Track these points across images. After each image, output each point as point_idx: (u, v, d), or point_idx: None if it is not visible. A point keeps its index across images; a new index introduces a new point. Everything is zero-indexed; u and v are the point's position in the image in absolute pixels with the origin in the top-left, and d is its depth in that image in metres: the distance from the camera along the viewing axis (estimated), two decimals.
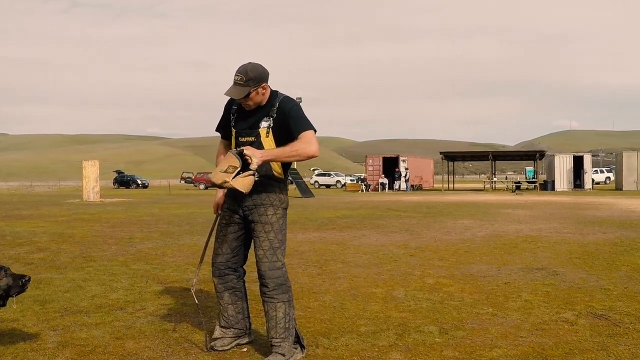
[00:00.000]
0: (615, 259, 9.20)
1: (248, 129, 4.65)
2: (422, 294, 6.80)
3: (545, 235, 12.73)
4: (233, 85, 4.51)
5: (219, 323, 4.90)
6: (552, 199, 31.52)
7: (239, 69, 4.51)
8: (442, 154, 56.88)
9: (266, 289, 4.60)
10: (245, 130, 4.66)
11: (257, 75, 4.50)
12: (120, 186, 73.38)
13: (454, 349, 4.74)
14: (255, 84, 4.50)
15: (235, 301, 4.88)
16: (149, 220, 17.82)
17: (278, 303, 4.59)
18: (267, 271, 4.57)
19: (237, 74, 4.48)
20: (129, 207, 26.18)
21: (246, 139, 4.61)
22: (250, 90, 4.49)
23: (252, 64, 4.55)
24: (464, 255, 9.77)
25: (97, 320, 5.62)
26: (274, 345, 4.58)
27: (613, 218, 17.51)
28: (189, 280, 7.59)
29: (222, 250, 4.80)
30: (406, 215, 19.37)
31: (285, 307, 4.60)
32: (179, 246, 11.23)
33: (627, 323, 5.46)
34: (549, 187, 50.41)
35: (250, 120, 4.66)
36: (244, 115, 4.69)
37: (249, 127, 4.65)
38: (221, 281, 4.84)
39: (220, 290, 4.86)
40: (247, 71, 4.48)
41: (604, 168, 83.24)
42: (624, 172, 48.45)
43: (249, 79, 4.47)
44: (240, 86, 4.48)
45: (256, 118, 4.63)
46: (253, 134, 4.62)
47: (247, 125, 4.66)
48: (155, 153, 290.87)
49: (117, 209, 24.61)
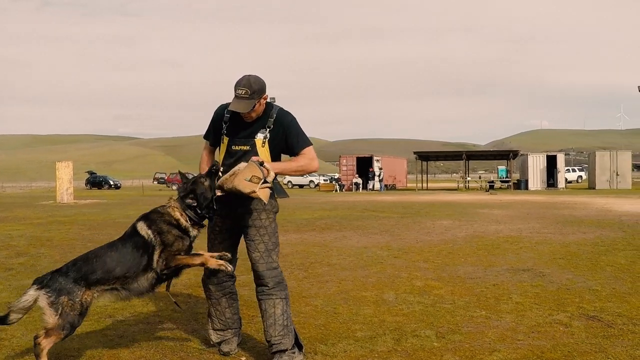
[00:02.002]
0: (599, 259, 9.26)
1: (243, 138, 4.68)
2: (412, 297, 6.78)
3: (526, 236, 12.79)
4: (237, 99, 4.52)
5: (214, 327, 4.89)
6: (527, 198, 31.73)
7: (242, 82, 4.52)
8: (416, 154, 57.08)
9: (266, 287, 4.64)
10: (240, 139, 4.69)
11: (260, 88, 4.54)
12: (92, 187, 72.63)
13: (454, 353, 4.72)
14: (259, 96, 4.54)
15: (232, 304, 4.92)
16: (126, 223, 17.41)
17: (277, 299, 4.63)
18: (265, 271, 4.64)
19: (241, 88, 4.50)
20: (104, 208, 25.87)
21: (240, 148, 4.69)
22: (255, 102, 4.52)
23: (253, 77, 4.58)
24: (448, 257, 9.77)
25: (88, 328, 5.51)
26: (274, 344, 4.59)
27: (590, 217, 17.65)
28: (176, 285, 7.51)
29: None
30: (384, 216, 19.36)
31: (283, 304, 4.65)
32: None
33: (621, 324, 5.48)
34: (522, 186, 50.78)
35: (245, 130, 4.69)
36: (239, 124, 4.71)
37: (244, 136, 4.68)
38: (219, 288, 4.86)
39: (217, 297, 4.86)
40: (250, 84, 4.51)
41: (576, 167, 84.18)
42: (596, 171, 48.95)
43: (253, 91, 4.50)
44: (246, 100, 4.50)
45: (252, 128, 4.69)
46: (248, 143, 4.69)
47: (242, 134, 4.69)
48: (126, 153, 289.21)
49: (92, 210, 24.31)
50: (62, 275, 4.18)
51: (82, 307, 4.16)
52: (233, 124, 4.72)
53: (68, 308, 4.09)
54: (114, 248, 4.39)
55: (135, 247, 4.35)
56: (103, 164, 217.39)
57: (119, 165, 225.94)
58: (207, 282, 4.88)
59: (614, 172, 48.08)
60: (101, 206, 28.07)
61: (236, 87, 4.52)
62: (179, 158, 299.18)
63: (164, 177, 74.78)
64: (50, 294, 4.10)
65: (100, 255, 4.35)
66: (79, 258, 4.37)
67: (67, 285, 4.13)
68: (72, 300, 4.11)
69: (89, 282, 4.19)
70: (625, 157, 49.23)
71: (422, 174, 60.07)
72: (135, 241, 4.37)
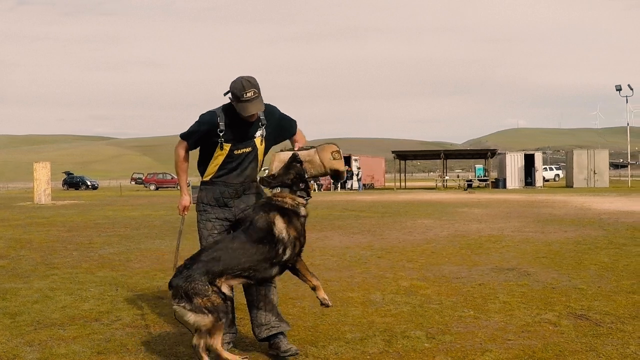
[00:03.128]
0: (582, 257, 9.31)
1: (243, 141, 4.81)
2: (399, 297, 6.77)
3: (507, 235, 12.84)
4: (250, 102, 4.62)
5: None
6: (505, 197, 31.92)
7: (245, 85, 4.61)
8: (394, 153, 57.22)
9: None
10: (240, 143, 4.81)
11: (259, 87, 4.70)
12: (69, 187, 72.13)
13: (446, 354, 4.70)
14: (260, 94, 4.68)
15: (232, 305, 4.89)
16: (105, 224, 17.49)
17: (274, 288, 4.95)
18: None
19: (248, 90, 4.60)
20: (83, 209, 25.67)
21: (242, 151, 4.84)
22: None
23: (247, 76, 4.72)
24: (431, 256, 9.77)
25: (74, 333, 5.42)
26: (273, 327, 4.83)
27: (570, 216, 17.78)
28: (160, 288, 7.46)
29: None
30: (364, 216, 19.38)
31: (277, 292, 5.00)
32: (141, 251, 11.01)
33: (609, 323, 5.50)
34: (500, 185, 51.13)
35: (243, 132, 4.81)
36: (238, 128, 4.80)
37: (245, 138, 4.82)
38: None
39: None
40: (253, 84, 4.65)
41: (553, 166, 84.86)
42: (574, 169, 49.40)
43: (258, 89, 4.65)
44: (258, 99, 4.65)
45: (251, 128, 4.83)
46: (250, 145, 4.86)
47: (241, 137, 4.81)
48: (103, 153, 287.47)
49: (71, 211, 24.10)
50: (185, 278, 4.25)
51: (220, 293, 4.23)
52: (232, 130, 4.79)
53: (209, 303, 4.14)
54: (240, 240, 4.46)
55: (264, 240, 4.43)
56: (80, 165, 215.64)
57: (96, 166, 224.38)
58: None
59: (591, 170, 48.57)
60: (79, 207, 27.85)
61: (242, 92, 4.58)
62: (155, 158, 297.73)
63: (141, 177, 74.33)
64: (181, 303, 4.17)
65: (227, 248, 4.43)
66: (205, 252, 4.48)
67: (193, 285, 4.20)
68: (206, 297, 4.16)
69: (214, 274, 4.27)
70: (603, 156, 49.75)
71: (400, 173, 60.26)
72: (265, 234, 4.44)
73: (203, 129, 4.84)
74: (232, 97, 4.71)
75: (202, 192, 4.96)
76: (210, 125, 4.80)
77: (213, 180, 4.92)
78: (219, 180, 4.90)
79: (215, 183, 4.91)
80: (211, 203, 4.92)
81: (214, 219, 4.93)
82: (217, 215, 4.91)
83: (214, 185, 4.91)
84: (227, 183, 4.91)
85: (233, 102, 4.70)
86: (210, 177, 4.92)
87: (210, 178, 4.92)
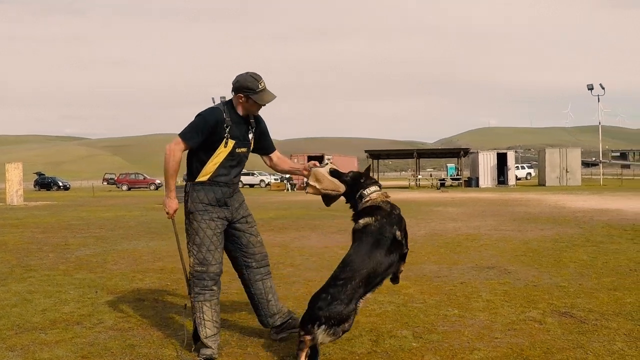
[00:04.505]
0: (561, 255, 9.37)
1: (243, 140, 4.93)
2: (382, 296, 6.75)
3: (485, 233, 12.90)
4: (265, 91, 4.87)
5: (206, 334, 4.77)
6: (479, 196, 32.11)
7: (257, 77, 4.87)
8: (367, 153, 57.33)
9: (268, 267, 5.21)
10: (241, 142, 4.91)
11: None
12: (41, 188, 71.26)
13: (435, 353, 4.69)
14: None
15: (217, 303, 4.96)
16: (79, 225, 17.29)
17: (271, 278, 5.27)
18: (266, 253, 5.23)
19: (261, 81, 4.85)
20: (56, 210, 25.38)
21: (241, 150, 4.94)
22: None
23: (252, 72, 4.92)
24: (411, 256, 9.63)
25: (57, 337, 5.31)
26: (284, 313, 5.21)
27: (545, 214, 17.93)
28: (140, 290, 7.37)
29: (217, 259, 4.87)
30: (340, 215, 19.26)
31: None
32: (118, 252, 10.89)
33: (593, 320, 5.53)
34: (473, 183, 51.40)
35: (242, 131, 4.92)
36: (239, 126, 4.89)
37: (244, 137, 4.94)
38: (217, 289, 4.92)
39: (213, 298, 4.87)
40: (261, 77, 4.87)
41: (525, 164, 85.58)
42: (546, 168, 49.83)
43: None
44: (268, 89, 4.92)
45: (245, 130, 4.96)
46: (246, 145, 4.99)
47: (241, 136, 4.91)
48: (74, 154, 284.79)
49: (44, 212, 23.80)
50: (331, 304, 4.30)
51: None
52: (236, 127, 4.86)
53: (347, 326, 4.36)
54: (374, 255, 4.54)
55: (392, 247, 4.63)
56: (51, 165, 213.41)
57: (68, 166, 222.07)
58: (211, 284, 4.83)
59: (563, 169, 49.04)
60: (52, 208, 27.54)
61: (257, 83, 4.81)
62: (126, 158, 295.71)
63: (113, 177, 73.75)
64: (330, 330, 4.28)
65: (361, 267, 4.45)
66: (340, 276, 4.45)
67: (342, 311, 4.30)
68: (350, 321, 4.36)
69: (359, 297, 4.44)
70: (575, 155, 50.25)
71: (373, 172, 60.41)
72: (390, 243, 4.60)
73: (211, 123, 4.77)
74: (244, 92, 4.79)
75: (199, 192, 4.87)
76: (218, 120, 4.79)
77: (213, 180, 4.87)
78: (219, 180, 4.88)
79: (216, 183, 4.88)
80: (212, 203, 4.88)
81: (216, 218, 4.90)
82: (219, 214, 4.90)
83: (213, 185, 4.87)
84: (228, 183, 4.92)
85: (247, 95, 4.80)
86: (209, 176, 4.86)
87: (209, 178, 4.87)
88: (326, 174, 4.95)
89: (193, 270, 4.84)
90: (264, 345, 5.02)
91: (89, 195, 46.30)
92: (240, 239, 5.08)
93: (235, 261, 5.18)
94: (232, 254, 5.16)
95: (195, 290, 4.82)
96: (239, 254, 5.12)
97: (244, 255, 5.11)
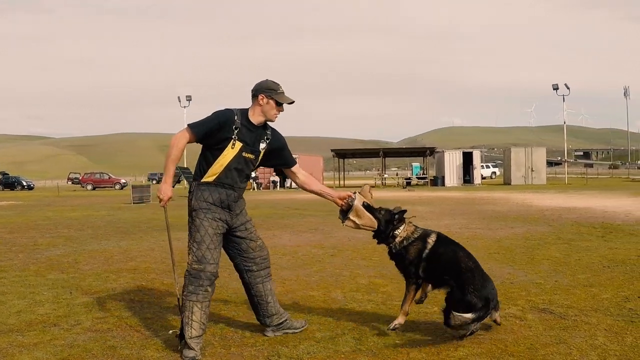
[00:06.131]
0: (534, 253, 9.46)
1: (251, 146, 5.00)
2: (361, 295, 6.76)
3: (455, 232, 12.97)
4: (284, 94, 5.07)
5: (191, 334, 4.73)
6: (446, 195, 32.35)
7: (276, 82, 5.10)
8: (333, 152, 57.42)
9: (268, 269, 5.34)
10: (249, 147, 4.99)
11: None
12: (4, 188, 70.02)
13: (420, 351, 4.69)
14: None
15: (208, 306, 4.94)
16: (47, 225, 17.04)
17: (272, 281, 5.39)
18: (266, 255, 5.38)
19: (281, 85, 5.09)
20: (22, 210, 25.01)
21: (247, 155, 4.99)
22: None
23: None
24: (384, 254, 9.54)
25: (35, 339, 5.19)
26: (282, 314, 5.28)
27: (513, 212, 18.10)
28: (115, 290, 7.27)
29: (215, 259, 4.86)
30: (309, 214, 19.34)
31: None
32: (89, 252, 10.74)
33: (573, 316, 5.59)
34: (439, 182, 51.71)
35: (252, 139, 5.00)
36: (248, 131, 4.96)
37: (252, 144, 4.99)
38: (211, 290, 4.88)
39: (206, 299, 4.84)
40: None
41: (490, 163, 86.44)
42: (512, 167, 50.26)
43: None
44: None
45: (256, 137, 5.03)
46: (255, 153, 5.05)
47: (251, 143, 4.99)
48: (38, 153, 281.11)
49: (10, 212, 23.41)
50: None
51: None
52: (246, 132, 4.95)
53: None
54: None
55: None
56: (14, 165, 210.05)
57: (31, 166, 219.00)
58: (207, 284, 4.81)
59: (529, 168, 49.58)
60: (18, 208, 27.10)
61: (277, 86, 5.06)
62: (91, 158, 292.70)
63: (78, 177, 72.82)
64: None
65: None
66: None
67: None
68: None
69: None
70: (540, 154, 50.81)
71: (339, 171, 60.50)
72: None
73: (220, 119, 4.90)
74: (266, 92, 4.99)
75: (204, 191, 4.89)
76: (227, 119, 4.90)
77: (219, 181, 4.91)
78: (225, 182, 4.91)
79: (222, 185, 4.91)
80: (216, 203, 4.90)
81: (218, 219, 4.92)
82: (220, 216, 4.93)
83: (218, 186, 4.91)
84: (233, 186, 4.96)
85: (268, 95, 4.99)
86: (215, 177, 4.90)
87: (214, 179, 4.90)
88: (364, 209, 5.11)
89: (190, 267, 4.82)
90: (248, 345, 4.98)
91: (54, 195, 45.65)
92: (239, 245, 5.15)
93: (236, 265, 5.27)
94: (233, 259, 5.24)
95: (189, 289, 4.78)
96: (239, 259, 5.20)
97: (244, 260, 5.20)
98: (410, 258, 5.18)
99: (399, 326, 5.07)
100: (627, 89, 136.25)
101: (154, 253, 10.47)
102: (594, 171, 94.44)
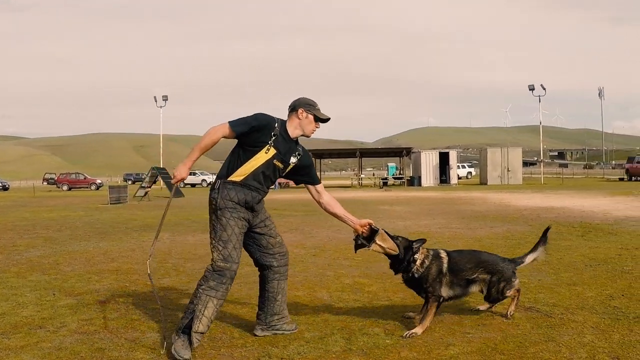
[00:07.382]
0: (515, 252, 9.45)
1: (283, 156, 5.07)
2: (346, 294, 6.77)
3: (436, 231, 13.03)
4: (321, 110, 5.24)
5: (198, 329, 4.78)
6: (423, 195, 32.48)
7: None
8: (310, 152, 57.33)
9: (287, 267, 5.42)
10: (281, 156, 5.06)
11: None
12: None
13: (410, 350, 4.70)
14: None
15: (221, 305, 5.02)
16: (25, 225, 16.88)
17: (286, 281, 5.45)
18: (285, 251, 5.42)
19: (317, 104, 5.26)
20: None
21: (277, 164, 5.07)
22: None
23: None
24: (366, 254, 9.68)
25: (21, 342, 5.12)
26: (283, 316, 5.32)
27: (492, 212, 18.22)
28: (98, 291, 7.21)
29: (239, 258, 4.98)
30: (287, 214, 19.32)
31: None
32: (69, 253, 10.64)
33: (559, 314, 5.64)
34: (415, 182, 51.94)
35: (286, 150, 5.08)
36: (282, 142, 5.03)
37: (284, 154, 5.07)
38: (230, 287, 4.97)
39: (223, 297, 4.94)
40: None
41: (465, 163, 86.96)
42: (488, 167, 50.68)
43: None
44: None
45: (287, 149, 5.10)
46: (285, 164, 5.13)
47: (284, 153, 5.07)
48: (11, 154, 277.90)
49: None
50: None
51: None
52: (282, 142, 5.03)
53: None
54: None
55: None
56: None
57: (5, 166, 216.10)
58: (228, 282, 4.92)
59: (505, 168, 49.97)
60: None
61: (314, 103, 5.26)
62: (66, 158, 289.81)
63: (53, 177, 72.13)
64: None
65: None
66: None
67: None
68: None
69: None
70: (516, 154, 51.26)
71: (318, 172, 60.56)
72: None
73: (261, 122, 4.97)
74: (306, 107, 5.15)
75: (230, 190, 4.93)
76: (268, 124, 4.99)
77: (245, 182, 4.96)
78: (252, 184, 4.97)
79: (248, 186, 4.96)
80: (241, 203, 4.95)
81: (243, 218, 4.99)
82: (244, 216, 5.00)
83: (244, 187, 4.96)
84: (259, 189, 5.04)
85: (307, 110, 5.15)
86: (243, 178, 4.95)
87: (242, 179, 4.95)
88: (387, 235, 5.37)
89: (215, 264, 4.86)
90: (237, 346, 4.97)
91: (30, 196, 45.19)
92: (259, 241, 5.25)
93: (256, 260, 5.34)
94: (252, 255, 5.32)
95: (209, 284, 4.83)
96: (259, 255, 5.29)
97: (264, 255, 5.29)
98: (434, 275, 5.42)
99: (415, 335, 5.09)
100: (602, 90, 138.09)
101: (135, 254, 10.40)
102: (569, 171, 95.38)
